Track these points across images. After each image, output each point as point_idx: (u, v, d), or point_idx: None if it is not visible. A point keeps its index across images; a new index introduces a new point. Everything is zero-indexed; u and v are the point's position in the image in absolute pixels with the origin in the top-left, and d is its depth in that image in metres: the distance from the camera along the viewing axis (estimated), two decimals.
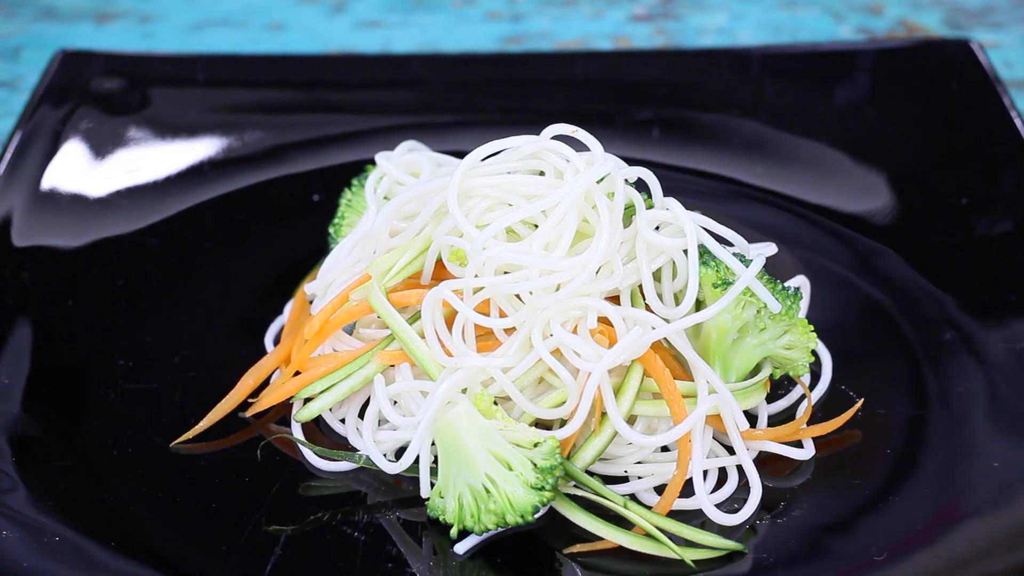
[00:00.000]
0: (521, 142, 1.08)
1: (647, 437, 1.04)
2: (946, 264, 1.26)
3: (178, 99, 1.51)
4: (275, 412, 1.14)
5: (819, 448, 1.10)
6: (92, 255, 1.30)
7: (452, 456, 1.00)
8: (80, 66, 1.51)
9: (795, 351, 1.10)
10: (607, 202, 1.04)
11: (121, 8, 1.79)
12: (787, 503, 1.06)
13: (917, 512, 1.04)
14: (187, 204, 1.37)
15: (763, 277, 1.08)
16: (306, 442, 1.10)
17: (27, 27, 1.75)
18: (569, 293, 1.03)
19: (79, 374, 1.16)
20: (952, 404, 1.13)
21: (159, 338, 1.21)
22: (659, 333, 1.04)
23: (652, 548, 1.01)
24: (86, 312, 1.23)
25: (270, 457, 1.09)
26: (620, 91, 1.50)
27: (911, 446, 1.10)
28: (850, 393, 1.14)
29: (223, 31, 1.76)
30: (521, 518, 0.99)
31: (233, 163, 1.43)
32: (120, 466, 1.08)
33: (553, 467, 0.99)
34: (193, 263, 1.30)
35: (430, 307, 1.07)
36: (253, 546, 1.02)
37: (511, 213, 1.05)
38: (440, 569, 1.01)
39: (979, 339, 1.19)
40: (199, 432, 1.11)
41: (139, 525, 1.04)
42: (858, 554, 1.01)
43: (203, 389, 1.14)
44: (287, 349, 1.14)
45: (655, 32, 1.72)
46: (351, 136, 1.43)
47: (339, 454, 1.08)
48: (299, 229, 1.34)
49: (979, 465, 1.08)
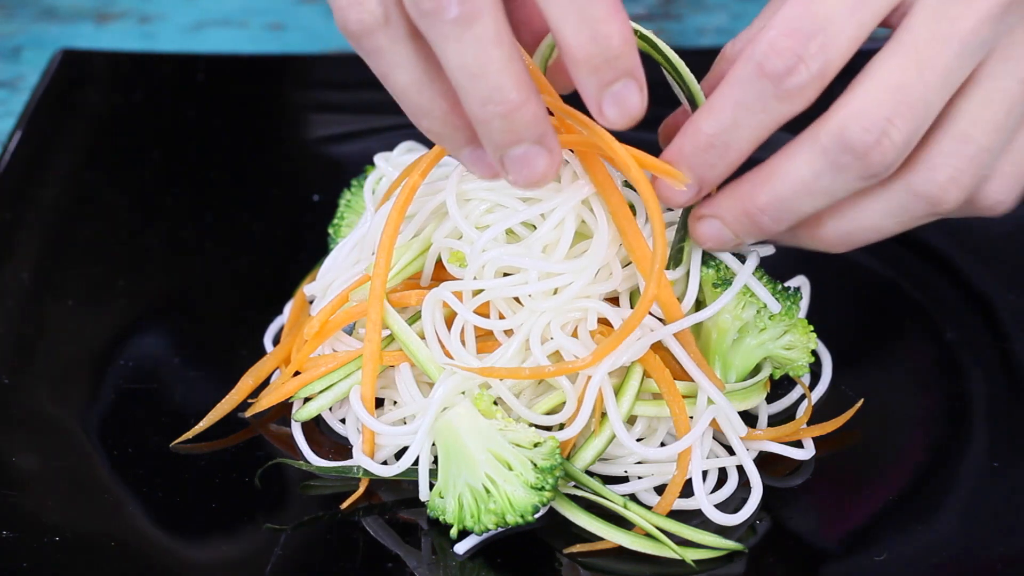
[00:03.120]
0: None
1: (647, 449, 1.04)
2: (946, 264, 1.26)
3: (178, 99, 1.51)
4: (275, 412, 1.14)
5: (819, 448, 1.10)
6: (92, 254, 1.30)
7: (452, 456, 1.00)
8: (80, 66, 1.52)
9: (795, 351, 1.10)
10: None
11: (121, 8, 1.79)
12: (787, 503, 1.06)
13: (917, 512, 1.04)
14: (187, 204, 1.37)
15: (763, 277, 1.08)
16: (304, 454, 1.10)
17: (27, 27, 1.75)
18: (569, 296, 1.03)
19: (79, 374, 1.16)
20: (952, 404, 1.13)
21: (159, 338, 1.21)
22: (658, 335, 1.04)
23: (652, 548, 1.01)
24: (86, 312, 1.23)
25: (270, 457, 1.09)
26: None
27: (911, 446, 1.10)
28: (850, 393, 1.14)
29: (223, 31, 1.76)
30: (521, 518, 0.99)
31: (233, 163, 1.43)
32: (120, 466, 1.08)
33: (553, 467, 0.99)
34: (193, 263, 1.30)
35: (430, 308, 1.07)
36: (253, 546, 1.02)
37: (510, 216, 1.05)
38: (440, 569, 1.01)
39: (979, 339, 1.19)
40: (199, 432, 1.11)
41: (139, 525, 1.04)
42: (858, 554, 1.01)
43: (203, 389, 1.14)
44: (287, 349, 1.14)
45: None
46: (351, 136, 1.43)
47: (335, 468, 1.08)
48: (299, 229, 1.34)
49: (979, 465, 1.08)
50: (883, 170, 0.91)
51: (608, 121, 0.91)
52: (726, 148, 0.94)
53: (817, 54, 0.89)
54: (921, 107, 0.90)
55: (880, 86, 0.90)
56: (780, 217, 0.95)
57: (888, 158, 0.90)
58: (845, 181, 0.92)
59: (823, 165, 0.92)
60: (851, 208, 0.96)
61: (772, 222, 0.96)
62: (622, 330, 1.00)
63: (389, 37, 0.92)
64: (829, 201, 0.94)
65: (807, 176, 0.93)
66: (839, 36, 0.89)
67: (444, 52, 0.88)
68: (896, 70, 0.90)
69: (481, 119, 0.90)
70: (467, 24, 0.86)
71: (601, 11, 0.86)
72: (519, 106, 0.89)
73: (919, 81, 0.90)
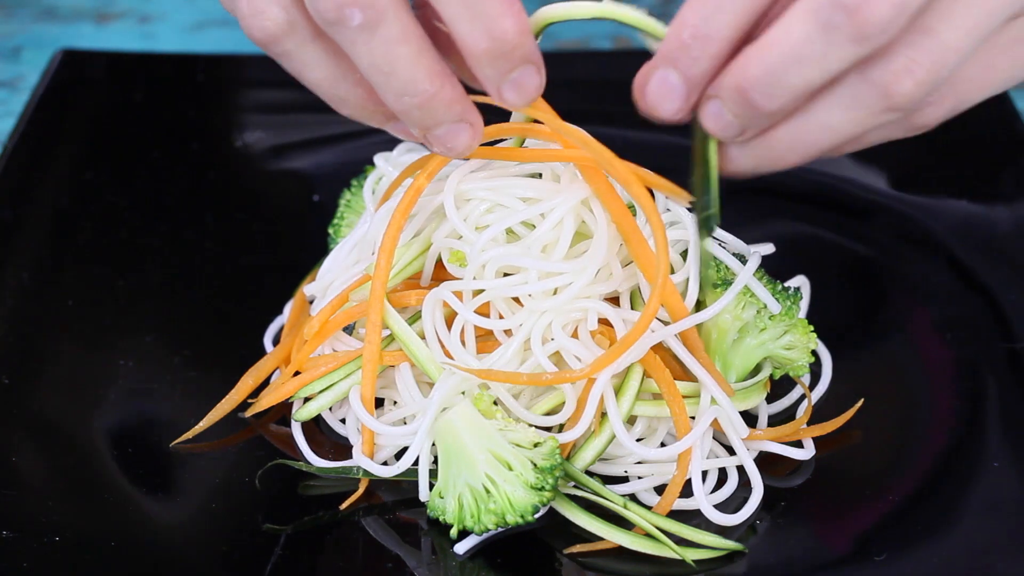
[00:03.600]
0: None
1: (647, 449, 1.04)
2: (946, 264, 1.26)
3: (178, 99, 1.51)
4: (275, 412, 1.14)
5: (819, 448, 1.10)
6: (92, 255, 1.30)
7: (452, 456, 1.00)
8: (80, 66, 1.52)
9: (795, 351, 1.10)
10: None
11: (121, 8, 1.79)
12: (787, 503, 1.06)
13: (917, 512, 1.04)
14: (187, 204, 1.37)
15: (763, 277, 1.08)
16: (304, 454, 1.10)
17: (27, 27, 1.75)
18: (569, 297, 1.03)
19: (80, 374, 1.16)
20: (952, 404, 1.13)
21: (159, 338, 1.21)
22: (659, 336, 1.04)
23: (652, 548, 1.01)
24: (86, 312, 1.23)
25: (270, 457, 1.09)
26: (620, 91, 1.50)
27: (911, 446, 1.10)
28: (850, 393, 1.14)
29: (223, 31, 1.76)
30: (521, 518, 0.99)
31: (233, 163, 1.43)
32: (120, 466, 1.08)
33: (553, 467, 0.99)
34: (193, 263, 1.30)
35: (430, 308, 1.07)
36: (253, 546, 1.02)
37: (510, 216, 1.05)
38: (440, 569, 1.01)
39: (982, 339, 1.19)
40: (199, 432, 1.11)
41: (139, 525, 1.04)
42: (858, 554, 1.01)
43: (203, 389, 1.14)
44: (287, 349, 1.14)
45: None
46: (351, 136, 1.43)
47: (335, 469, 1.08)
48: (299, 229, 1.34)
49: (979, 465, 1.08)
50: (876, 31, 0.85)
51: (509, 104, 0.94)
52: (709, 37, 0.88)
53: None
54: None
55: None
56: (772, 92, 0.89)
57: (881, 14, 0.84)
58: (837, 45, 0.86)
59: (813, 27, 0.86)
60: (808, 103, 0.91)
61: (764, 98, 0.89)
62: (626, 340, 1.00)
63: (296, 42, 0.95)
64: (821, 74, 0.88)
65: (797, 41, 0.87)
66: None
67: (354, 55, 0.92)
68: None
69: (399, 110, 0.94)
70: (372, 29, 0.90)
71: (493, 7, 0.88)
72: (434, 95, 0.93)
73: None
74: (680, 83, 0.90)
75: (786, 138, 0.92)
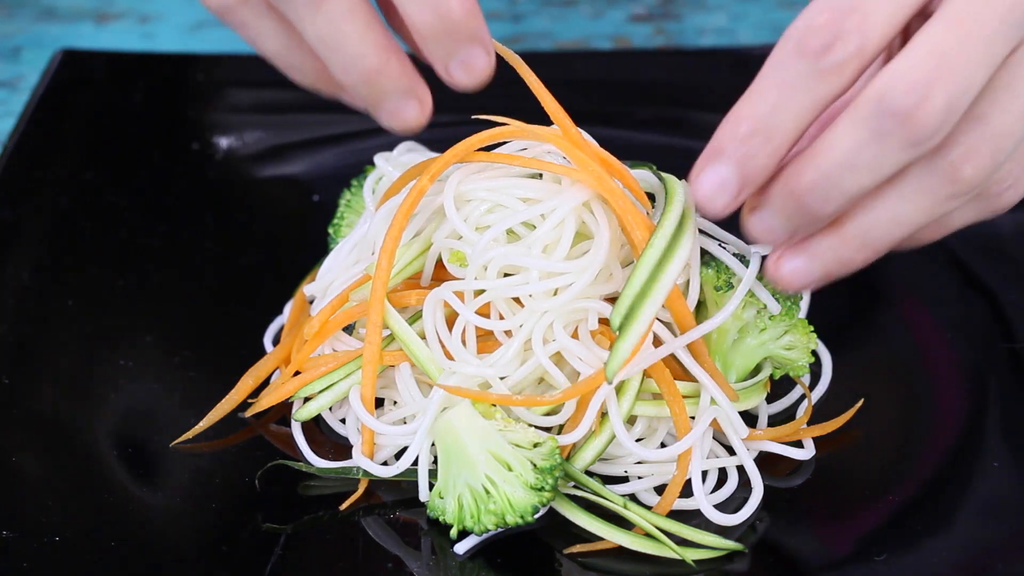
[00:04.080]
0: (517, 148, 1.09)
1: (647, 450, 1.04)
2: (947, 264, 1.26)
3: (178, 99, 1.51)
4: (275, 412, 1.14)
5: (819, 448, 1.10)
6: (92, 255, 1.30)
7: (452, 457, 1.00)
8: (80, 66, 1.52)
9: (795, 351, 1.10)
10: (605, 206, 1.04)
11: (121, 8, 1.79)
12: (787, 503, 1.06)
13: (917, 512, 1.04)
14: (187, 204, 1.37)
15: (763, 278, 1.08)
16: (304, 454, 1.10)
17: (27, 27, 1.75)
18: (570, 297, 1.03)
19: (80, 374, 1.16)
20: (953, 404, 1.13)
21: (159, 338, 1.21)
22: (668, 348, 1.04)
23: (652, 548, 1.01)
24: (86, 312, 1.23)
25: (270, 457, 1.09)
26: (620, 91, 1.50)
27: (910, 447, 1.10)
28: (850, 393, 1.14)
29: (223, 31, 1.75)
30: (521, 518, 0.99)
31: (233, 163, 1.43)
32: (120, 466, 1.08)
33: (553, 468, 0.99)
34: (193, 263, 1.30)
35: (432, 308, 1.07)
36: (253, 546, 1.02)
37: (511, 216, 1.05)
38: (440, 569, 1.01)
39: (983, 339, 1.19)
40: (199, 432, 1.11)
41: (139, 525, 1.04)
42: (858, 554, 1.01)
43: (203, 389, 1.14)
44: (287, 349, 1.14)
45: (655, 32, 1.72)
46: (351, 136, 1.43)
47: (335, 469, 1.08)
48: (299, 229, 1.34)
49: (979, 465, 1.08)
50: (927, 136, 0.87)
51: (458, 85, 0.97)
52: (769, 135, 0.90)
53: (855, 30, 0.87)
54: (962, 74, 0.87)
55: (920, 53, 0.87)
56: (827, 196, 0.90)
57: (931, 121, 0.86)
58: (889, 151, 0.88)
59: (866, 134, 0.88)
60: (872, 199, 0.93)
61: (818, 202, 0.91)
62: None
63: (250, 12, 1.01)
64: (874, 177, 0.90)
65: (851, 148, 0.89)
66: (876, 12, 0.87)
67: (302, 28, 0.96)
68: (937, 38, 0.87)
69: (346, 84, 0.98)
70: (318, 4, 0.94)
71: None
72: (379, 70, 0.96)
73: (960, 50, 0.87)
74: (734, 182, 0.91)
75: (856, 236, 0.93)
